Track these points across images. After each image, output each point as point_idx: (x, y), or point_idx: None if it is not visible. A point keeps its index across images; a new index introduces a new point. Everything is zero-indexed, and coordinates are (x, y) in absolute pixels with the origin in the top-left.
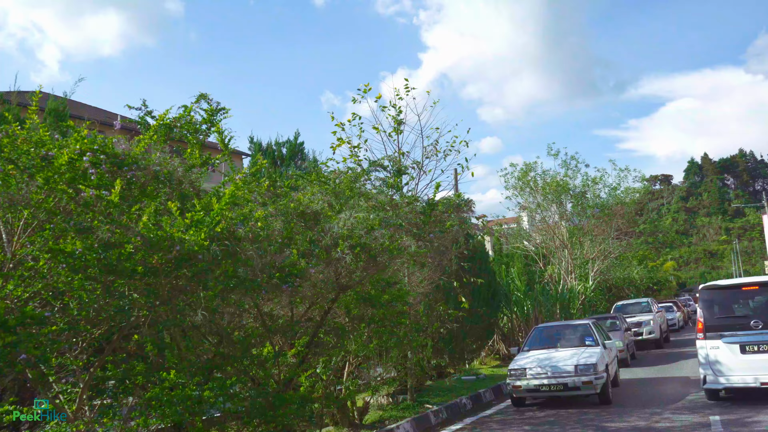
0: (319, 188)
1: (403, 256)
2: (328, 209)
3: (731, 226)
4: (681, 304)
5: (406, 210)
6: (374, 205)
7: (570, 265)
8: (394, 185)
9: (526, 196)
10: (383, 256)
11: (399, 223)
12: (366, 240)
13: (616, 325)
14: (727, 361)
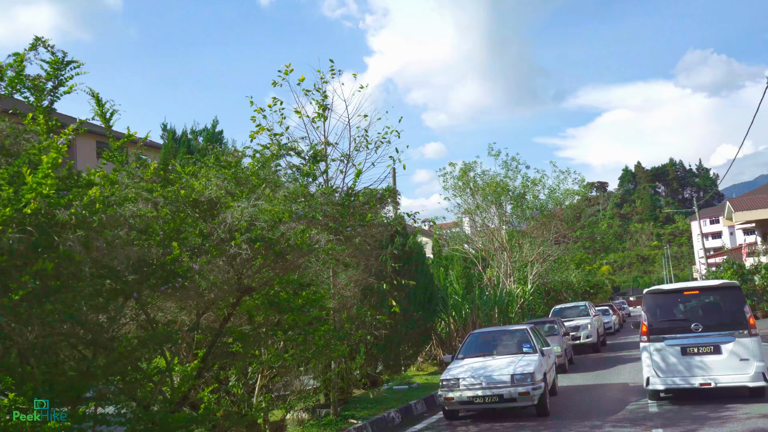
0: (216, 173)
1: (317, 253)
2: (229, 198)
3: (662, 232)
4: (616, 308)
5: (321, 201)
6: (285, 195)
7: (509, 268)
8: (309, 173)
9: (466, 198)
10: (293, 254)
11: (312, 216)
12: (271, 234)
13: (555, 329)
14: (669, 363)
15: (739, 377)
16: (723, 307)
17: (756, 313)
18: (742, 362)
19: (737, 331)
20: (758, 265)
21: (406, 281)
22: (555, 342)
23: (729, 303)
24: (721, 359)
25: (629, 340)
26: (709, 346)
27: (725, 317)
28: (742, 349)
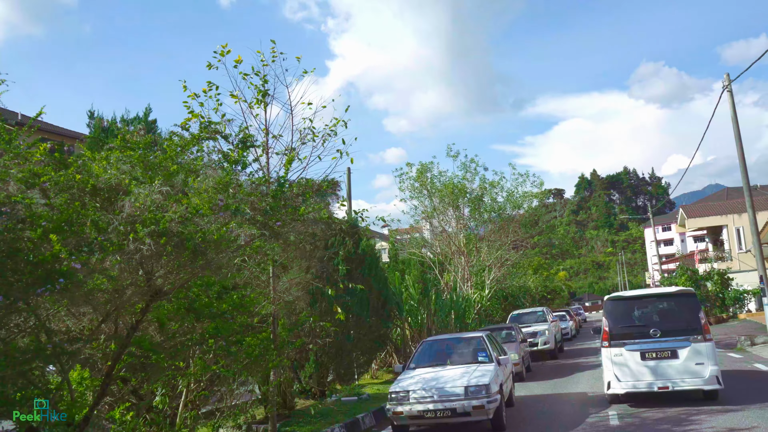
0: (119, 155)
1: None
2: (134, 185)
3: (616, 239)
4: (573, 314)
5: (248, 191)
6: (212, 186)
7: (466, 272)
8: (238, 161)
9: (423, 200)
10: (212, 251)
11: (235, 208)
12: (183, 228)
13: (512, 336)
14: (629, 368)
15: (695, 380)
16: (679, 314)
17: (709, 318)
18: (698, 366)
19: (693, 336)
20: (711, 271)
21: (354, 285)
22: (512, 349)
23: (685, 309)
24: (678, 363)
25: (586, 346)
26: (666, 350)
27: (681, 323)
28: (698, 354)
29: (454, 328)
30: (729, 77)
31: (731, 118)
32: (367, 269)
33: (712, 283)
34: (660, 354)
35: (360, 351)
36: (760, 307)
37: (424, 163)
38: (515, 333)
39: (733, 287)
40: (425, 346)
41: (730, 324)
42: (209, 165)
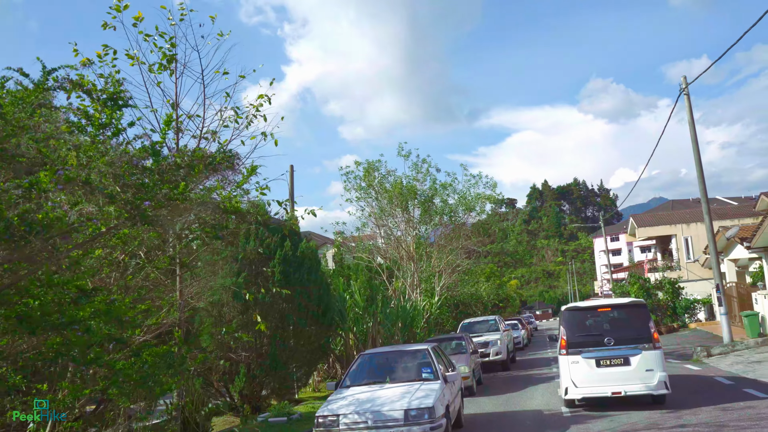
0: None
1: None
2: None
3: (566, 248)
4: (525, 322)
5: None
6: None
7: (416, 279)
8: (106, 124)
9: (370, 201)
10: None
11: (87, 179)
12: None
13: (462, 346)
14: (585, 374)
15: (645, 386)
16: (631, 323)
17: (660, 328)
18: (648, 372)
19: (643, 344)
20: (663, 280)
21: (279, 289)
22: (462, 361)
23: (636, 319)
24: (630, 370)
25: (539, 356)
26: (619, 358)
27: (633, 332)
28: (648, 361)
29: (400, 338)
30: (686, 80)
31: (688, 122)
32: (307, 273)
33: (664, 292)
34: (613, 361)
35: (298, 362)
36: (710, 316)
37: (371, 161)
38: (466, 343)
39: (683, 296)
40: (363, 361)
41: (681, 333)
42: (63, 127)
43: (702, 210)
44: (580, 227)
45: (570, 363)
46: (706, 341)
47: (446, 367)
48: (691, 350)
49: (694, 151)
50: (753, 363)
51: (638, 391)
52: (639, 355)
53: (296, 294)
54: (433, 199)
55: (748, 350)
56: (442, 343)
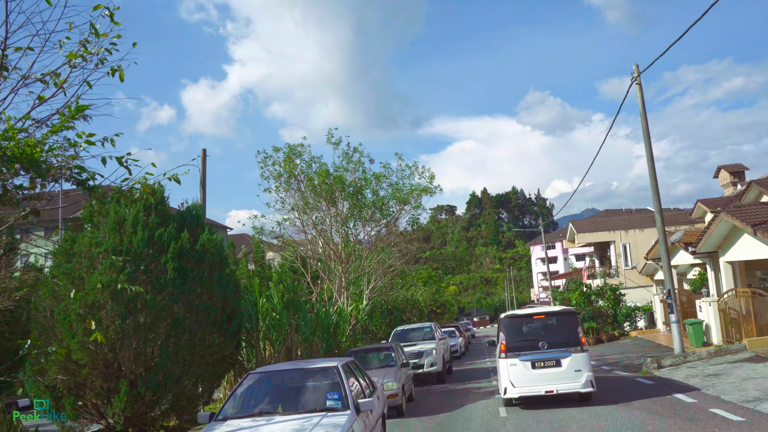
0: None
1: None
2: None
3: (504, 256)
4: (462, 329)
5: None
6: None
7: (343, 281)
8: None
9: (292, 191)
10: None
11: None
12: None
13: (392, 358)
14: (521, 375)
15: (574, 385)
16: (562, 329)
17: (601, 336)
18: (576, 373)
19: (573, 348)
20: (604, 287)
21: (137, 288)
22: (390, 376)
23: (566, 325)
24: (561, 371)
25: (477, 366)
26: (552, 360)
27: (564, 337)
28: (576, 363)
29: (321, 348)
30: (638, 68)
31: (640, 113)
32: (208, 271)
33: (605, 299)
34: (547, 363)
35: (196, 376)
36: (650, 324)
37: (292, 145)
38: (395, 354)
39: (624, 304)
40: (251, 382)
41: (622, 342)
42: None
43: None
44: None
45: (508, 365)
46: (651, 350)
47: (364, 388)
48: (639, 361)
49: (645, 144)
50: (710, 376)
51: (568, 390)
52: (569, 358)
53: (195, 295)
54: (364, 191)
55: (701, 362)
56: (369, 354)
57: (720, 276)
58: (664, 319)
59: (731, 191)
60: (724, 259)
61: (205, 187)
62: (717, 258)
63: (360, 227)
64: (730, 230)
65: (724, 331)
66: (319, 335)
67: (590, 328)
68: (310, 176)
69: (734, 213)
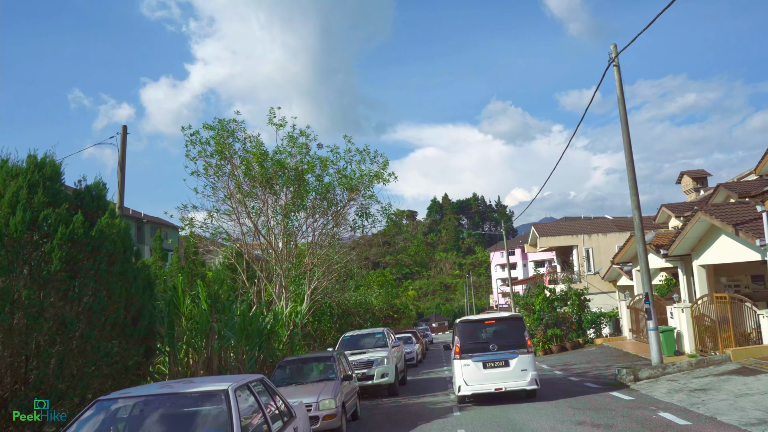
0: None
1: None
2: None
3: (464, 261)
4: (420, 335)
5: None
6: None
7: (283, 280)
8: None
9: (225, 177)
10: None
11: None
12: None
13: (332, 370)
14: (474, 375)
15: (520, 383)
16: (510, 333)
17: (565, 343)
18: (523, 372)
19: (520, 350)
20: (568, 291)
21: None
22: (328, 392)
23: (514, 329)
24: (509, 370)
25: (434, 375)
26: (501, 360)
27: (512, 340)
28: (523, 363)
29: (249, 362)
30: (616, 48)
31: (618, 99)
32: (107, 262)
33: (569, 304)
34: (497, 363)
35: (88, 390)
36: (616, 331)
37: (224, 120)
38: (337, 366)
39: (589, 310)
40: (94, 416)
41: (588, 350)
42: None
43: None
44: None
45: (462, 365)
46: (620, 360)
47: (271, 418)
48: (611, 371)
49: (623, 132)
50: (697, 392)
51: (515, 387)
52: (516, 358)
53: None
54: (305, 176)
55: (682, 374)
56: (306, 364)
57: (693, 280)
58: (631, 326)
59: (694, 197)
60: (697, 262)
61: (123, 170)
62: (690, 261)
63: (303, 219)
64: (705, 231)
65: (697, 340)
66: (245, 342)
67: (554, 335)
68: (245, 158)
69: (713, 212)
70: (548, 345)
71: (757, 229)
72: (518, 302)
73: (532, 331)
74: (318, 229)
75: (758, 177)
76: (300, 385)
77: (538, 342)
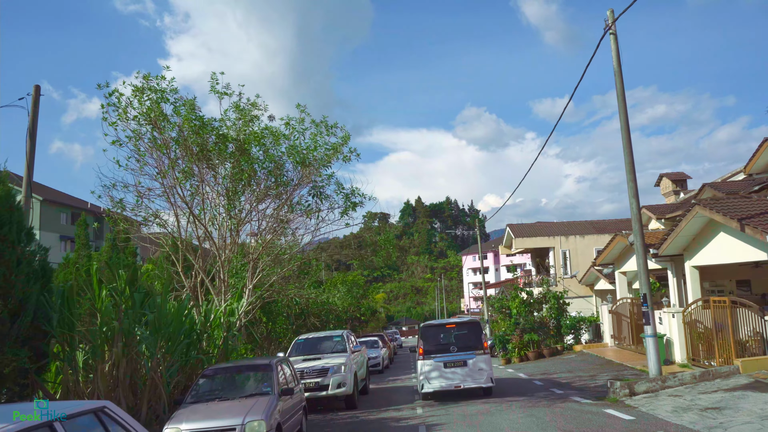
0: None
1: None
2: None
3: (436, 265)
4: (388, 339)
5: None
6: None
7: (222, 274)
8: None
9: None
10: None
11: None
12: None
13: (267, 383)
14: (435, 374)
15: (477, 381)
16: (469, 336)
17: (542, 350)
18: (480, 371)
19: (477, 351)
20: (547, 294)
21: None
22: (258, 411)
23: (473, 333)
24: (467, 370)
25: (401, 384)
26: (460, 361)
27: (470, 342)
28: (480, 363)
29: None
30: (613, 14)
31: (614, 71)
32: None
33: (548, 307)
34: (456, 363)
35: None
36: (596, 337)
37: (149, 74)
38: (274, 376)
39: (568, 314)
40: None
41: (567, 357)
42: None
43: (581, 223)
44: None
45: (425, 365)
46: (604, 368)
47: None
48: (597, 382)
49: (620, 107)
50: (710, 411)
51: (473, 385)
52: (473, 359)
53: None
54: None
55: (686, 388)
56: (239, 374)
57: (685, 283)
58: (613, 332)
59: (673, 199)
60: (690, 263)
61: (34, 138)
62: (681, 262)
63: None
64: (701, 228)
65: (689, 348)
66: (165, 345)
67: (531, 340)
68: (177, 123)
69: (713, 206)
70: (524, 351)
71: (766, 224)
72: (494, 305)
73: (508, 336)
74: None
75: (747, 176)
76: (224, 402)
77: (513, 348)
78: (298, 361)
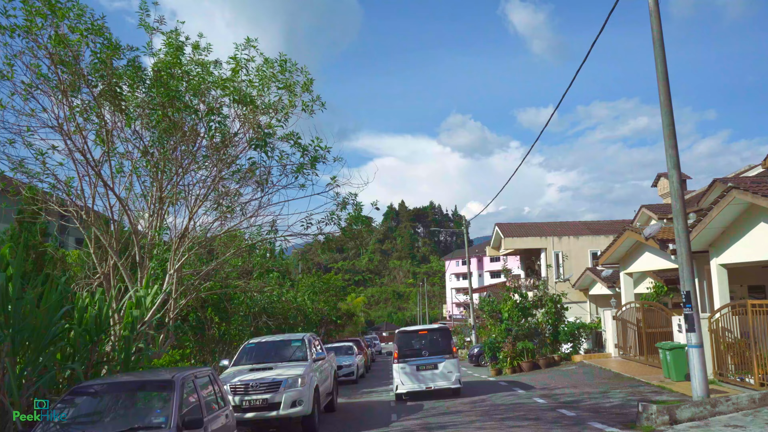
0: None
1: None
2: None
3: (418, 270)
4: (364, 344)
5: None
6: None
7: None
8: None
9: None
10: None
11: None
12: None
13: (162, 410)
14: (409, 376)
15: (447, 383)
16: (440, 341)
17: (538, 359)
18: (449, 373)
19: (447, 355)
20: (543, 296)
21: None
22: None
23: (443, 338)
24: (438, 372)
25: (376, 398)
26: (432, 364)
27: (441, 347)
28: (449, 366)
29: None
30: None
31: (650, 10)
32: None
33: (544, 311)
34: (427, 366)
35: None
36: (597, 346)
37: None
38: (174, 400)
39: (567, 320)
40: None
41: (566, 368)
42: None
43: (574, 224)
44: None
45: (400, 369)
46: (613, 383)
47: None
48: (613, 401)
49: (656, 53)
50: None
51: (443, 386)
52: (444, 362)
53: None
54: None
55: (745, 415)
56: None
57: (709, 284)
58: (617, 341)
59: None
60: (718, 260)
61: None
62: (704, 260)
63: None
64: (736, 218)
65: (716, 361)
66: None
67: (525, 349)
68: (73, 41)
69: (756, 189)
70: (518, 361)
71: None
72: (483, 308)
73: (498, 343)
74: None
75: (766, 169)
76: None
77: (505, 357)
78: (244, 372)
